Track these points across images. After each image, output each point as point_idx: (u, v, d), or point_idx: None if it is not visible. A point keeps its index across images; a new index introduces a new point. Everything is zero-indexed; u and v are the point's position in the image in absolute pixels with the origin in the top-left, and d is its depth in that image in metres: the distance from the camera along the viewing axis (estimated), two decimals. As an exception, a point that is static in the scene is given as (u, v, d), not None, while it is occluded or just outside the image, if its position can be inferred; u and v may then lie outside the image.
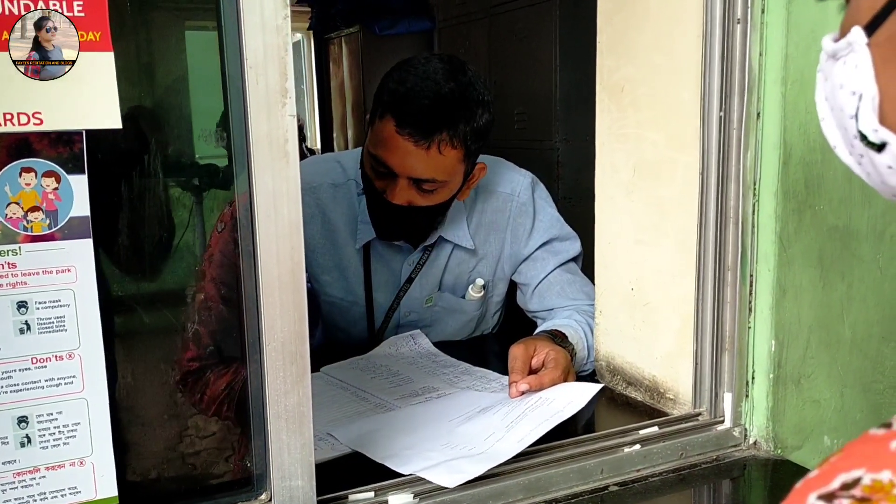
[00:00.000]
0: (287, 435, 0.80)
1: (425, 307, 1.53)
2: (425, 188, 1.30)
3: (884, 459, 0.32)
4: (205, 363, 0.86)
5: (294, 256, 0.78)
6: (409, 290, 1.51)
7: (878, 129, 0.45)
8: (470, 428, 1.06)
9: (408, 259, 1.49)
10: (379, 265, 1.50)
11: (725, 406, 1.07)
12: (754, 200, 1.02)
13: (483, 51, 3.44)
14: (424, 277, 1.51)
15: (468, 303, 1.54)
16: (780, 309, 1.02)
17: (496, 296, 1.57)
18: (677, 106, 1.09)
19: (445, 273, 1.52)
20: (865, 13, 0.44)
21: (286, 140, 0.76)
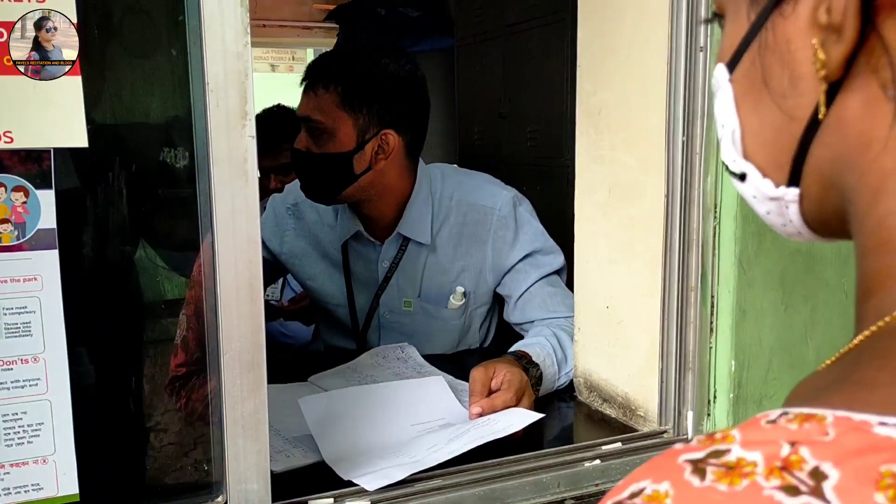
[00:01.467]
0: (243, 440, 0.84)
1: (405, 311, 1.60)
2: (311, 132, 1.46)
3: (668, 470, 0.34)
4: (192, 369, 0.91)
5: (251, 269, 0.82)
6: (387, 288, 1.59)
7: (735, 160, 0.47)
8: (426, 440, 1.09)
9: (381, 258, 1.58)
10: (358, 264, 1.61)
11: (688, 424, 1.09)
12: (715, 223, 1.04)
13: (498, 69, 3.48)
14: (402, 279, 1.59)
15: (448, 311, 1.58)
16: (740, 330, 1.04)
17: (480, 308, 1.60)
18: (647, 130, 1.12)
19: (424, 279, 1.58)
20: (727, 51, 0.47)
21: (245, 160, 0.80)
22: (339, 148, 1.46)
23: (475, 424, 1.10)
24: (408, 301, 1.59)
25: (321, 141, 1.46)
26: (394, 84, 1.47)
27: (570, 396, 1.35)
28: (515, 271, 1.53)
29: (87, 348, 0.78)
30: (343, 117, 1.45)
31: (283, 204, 1.69)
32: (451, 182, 1.59)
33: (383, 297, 1.60)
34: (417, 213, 1.55)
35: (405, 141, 1.50)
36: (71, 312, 0.77)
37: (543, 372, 1.30)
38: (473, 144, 3.77)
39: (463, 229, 1.56)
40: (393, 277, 1.59)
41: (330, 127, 1.45)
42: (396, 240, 1.57)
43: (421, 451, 1.04)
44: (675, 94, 1.04)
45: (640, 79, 1.13)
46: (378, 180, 1.50)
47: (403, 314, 1.61)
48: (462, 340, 1.63)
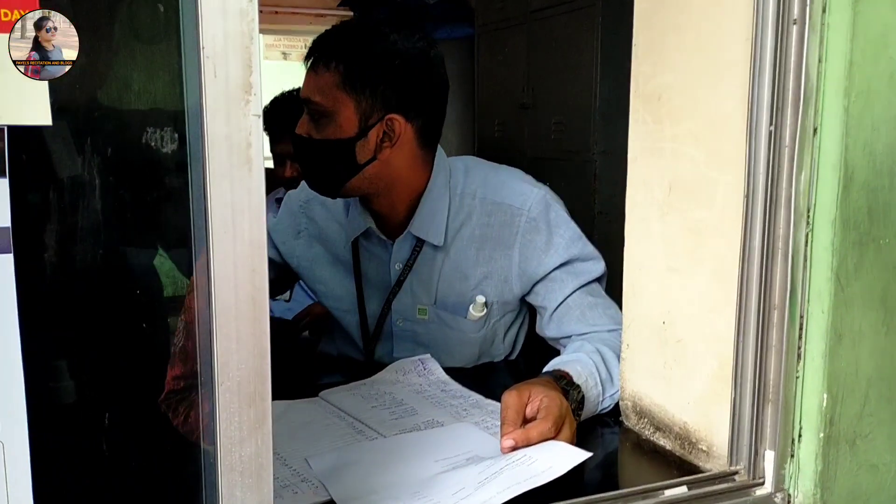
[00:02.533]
0: (242, 491, 0.68)
1: (418, 318, 1.44)
2: (313, 116, 1.31)
3: None
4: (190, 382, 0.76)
5: (256, 281, 0.66)
6: (400, 293, 1.44)
7: None
8: (449, 478, 0.93)
9: (393, 259, 1.43)
10: (369, 265, 1.47)
11: (766, 466, 0.93)
12: (807, 230, 0.88)
13: (522, 57, 3.32)
14: (416, 283, 1.43)
15: (466, 322, 1.42)
16: (834, 357, 0.87)
17: (504, 318, 1.44)
18: (720, 118, 0.95)
19: (440, 285, 1.42)
20: None
21: (249, 144, 0.64)
22: (341, 134, 1.30)
23: (508, 461, 0.94)
24: (422, 308, 1.43)
25: (322, 125, 1.31)
26: (403, 63, 1.31)
27: (615, 421, 1.19)
28: (550, 280, 1.37)
29: (47, 376, 0.63)
30: (344, 99, 1.29)
31: (296, 201, 1.54)
32: (474, 177, 1.42)
33: (395, 303, 1.44)
34: (431, 211, 1.39)
35: (416, 127, 1.34)
36: (29, 330, 0.61)
37: (585, 394, 1.13)
38: (493, 137, 3.61)
39: (487, 231, 1.39)
40: (406, 281, 1.43)
41: (330, 110, 1.29)
42: (409, 239, 1.42)
43: (445, 496, 0.88)
44: (759, 77, 0.88)
45: (713, 58, 0.96)
46: (385, 172, 1.34)
47: (417, 322, 1.45)
48: (484, 353, 1.47)
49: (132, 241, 0.65)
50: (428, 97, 1.34)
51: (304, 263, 1.52)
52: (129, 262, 0.64)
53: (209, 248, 0.65)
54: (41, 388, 0.63)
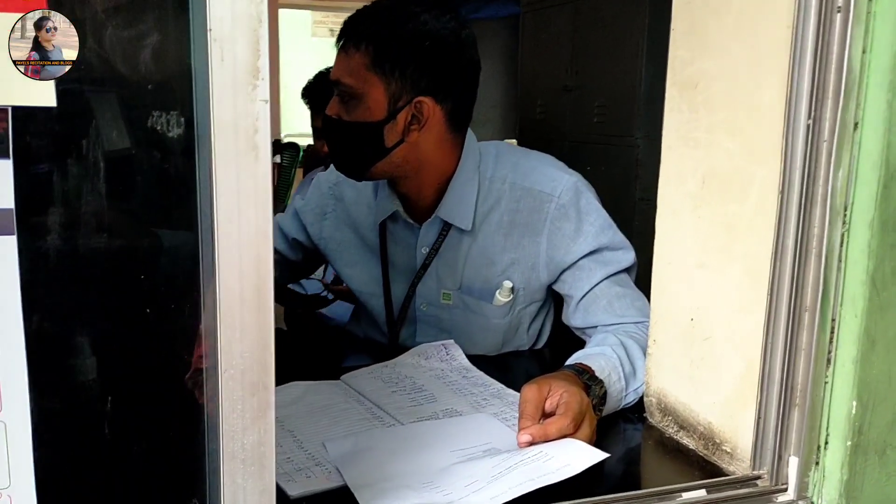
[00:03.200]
0: (244, 479, 0.68)
1: (443, 303, 1.43)
2: (342, 97, 1.30)
3: None
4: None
5: (261, 270, 0.65)
6: (425, 277, 1.43)
7: None
8: (464, 470, 0.92)
9: (420, 243, 1.42)
10: (395, 249, 1.45)
11: (790, 472, 0.89)
12: (844, 230, 0.84)
13: (567, 38, 3.25)
14: (441, 268, 1.41)
15: (491, 307, 1.40)
16: (866, 363, 0.84)
17: (531, 306, 1.42)
18: (758, 109, 0.91)
19: (466, 270, 1.40)
20: None
21: (256, 130, 0.63)
22: (369, 116, 1.28)
23: (524, 456, 0.92)
24: (447, 293, 1.41)
25: (351, 107, 1.29)
26: (433, 44, 1.28)
27: (639, 418, 1.16)
28: (577, 268, 1.34)
29: (49, 359, 0.63)
30: (374, 81, 1.27)
31: (326, 183, 1.53)
32: (504, 162, 1.39)
33: (420, 287, 1.43)
34: (459, 195, 1.36)
35: (446, 110, 1.31)
36: (31, 312, 0.61)
37: (608, 389, 1.11)
38: (535, 120, 3.56)
39: (516, 217, 1.37)
40: (431, 265, 1.41)
41: (360, 92, 1.27)
42: (436, 223, 1.40)
43: (457, 487, 0.87)
44: (800, 66, 0.84)
45: (752, 46, 0.92)
46: (413, 155, 1.32)
47: (442, 307, 1.43)
48: (508, 342, 1.45)
49: (137, 226, 0.64)
50: (458, 79, 1.31)
51: (332, 245, 1.51)
52: (132, 245, 0.64)
53: (214, 234, 0.64)
54: (44, 370, 0.63)
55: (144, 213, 0.64)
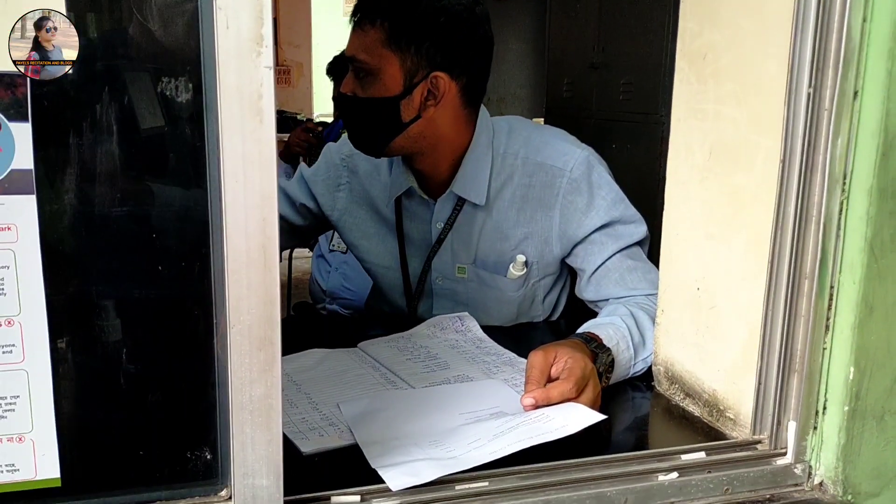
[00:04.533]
0: (251, 429, 0.71)
1: (458, 277, 1.45)
2: (358, 74, 1.32)
3: None
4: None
5: (266, 230, 0.68)
6: (440, 252, 1.45)
7: None
8: (469, 430, 0.95)
9: (435, 219, 1.44)
10: (411, 224, 1.48)
11: (789, 437, 0.91)
12: (842, 198, 0.84)
13: (593, 16, 3.24)
14: (456, 242, 1.44)
15: (506, 280, 1.42)
16: (864, 330, 0.85)
17: (545, 279, 1.44)
18: (763, 79, 0.92)
19: (481, 244, 1.42)
20: None
21: (260, 96, 0.66)
22: (385, 92, 1.30)
23: (527, 418, 0.95)
24: (461, 267, 1.44)
25: (366, 84, 1.31)
26: (448, 20, 1.29)
27: (647, 386, 1.18)
28: (590, 242, 1.36)
29: (69, 312, 0.67)
30: (389, 57, 1.28)
31: (337, 154, 1.55)
32: (517, 137, 1.41)
33: (435, 262, 1.46)
34: (473, 171, 1.38)
35: (460, 86, 1.33)
36: (52, 268, 0.65)
37: (616, 357, 1.13)
38: (562, 97, 3.56)
39: (528, 192, 1.38)
40: (446, 240, 1.43)
41: (375, 68, 1.29)
42: (451, 198, 1.42)
43: (461, 446, 0.90)
44: (802, 35, 0.84)
45: (758, 16, 0.93)
46: (429, 130, 1.33)
47: (457, 281, 1.46)
48: (523, 314, 1.47)
49: (149, 188, 0.67)
50: (473, 54, 1.33)
51: (347, 218, 1.54)
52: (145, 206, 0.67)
53: (222, 196, 0.67)
54: (63, 323, 0.67)
55: (156, 176, 0.68)
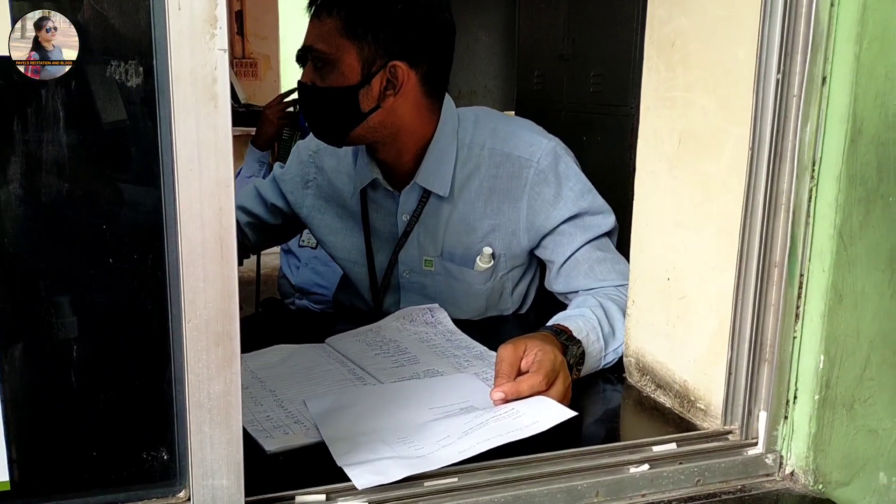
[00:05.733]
0: (210, 427, 0.69)
1: (425, 270, 1.44)
2: (316, 63, 1.30)
3: None
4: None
5: (223, 220, 0.66)
6: (406, 245, 1.43)
7: None
8: (438, 426, 0.93)
9: (400, 211, 1.42)
10: (377, 217, 1.46)
11: (759, 426, 0.90)
12: (812, 185, 0.84)
13: (563, 7, 3.23)
14: (422, 234, 1.42)
15: (473, 273, 1.41)
16: (833, 318, 0.84)
17: (512, 271, 1.42)
18: (732, 65, 0.91)
19: (447, 236, 1.40)
20: None
21: (215, 80, 0.63)
22: (343, 82, 1.27)
23: (496, 413, 0.94)
24: (429, 260, 1.42)
25: (325, 73, 1.28)
26: (405, 7, 1.27)
27: (619, 378, 1.17)
28: (558, 234, 1.34)
29: (14, 309, 0.64)
30: (346, 46, 1.26)
31: (306, 151, 1.52)
32: (483, 128, 1.39)
33: (402, 255, 1.44)
34: (437, 161, 1.36)
35: (420, 74, 1.30)
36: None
37: (586, 349, 1.12)
38: (532, 89, 3.54)
39: (495, 183, 1.36)
40: (413, 232, 1.42)
41: (332, 57, 1.27)
42: (415, 190, 1.40)
43: (430, 444, 0.88)
44: (770, 20, 0.83)
45: (727, 2, 0.92)
46: (389, 120, 1.31)
47: (424, 274, 1.44)
48: (492, 306, 1.45)
49: (98, 177, 0.64)
50: (432, 43, 1.31)
51: (314, 213, 1.51)
52: (94, 196, 0.64)
53: (175, 184, 0.64)
54: (10, 320, 0.64)
55: (106, 163, 0.65)
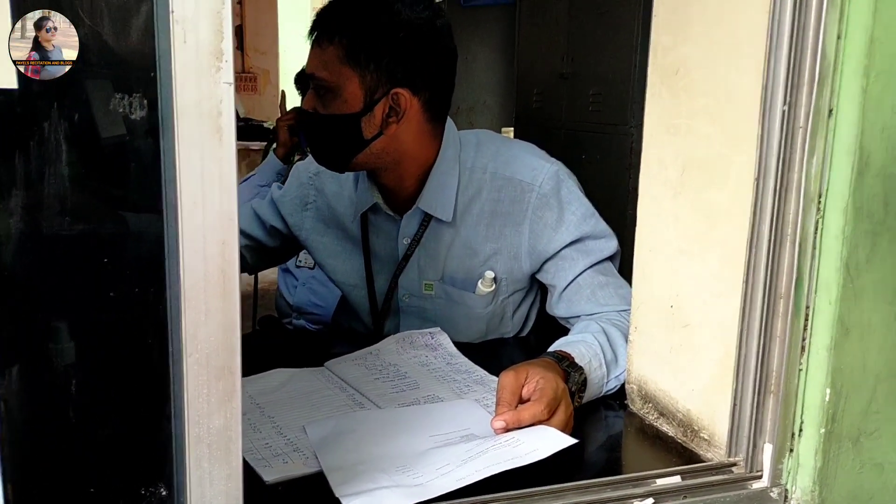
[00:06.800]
0: (209, 463, 0.68)
1: (425, 294, 1.43)
2: (318, 91, 1.29)
3: None
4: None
5: (226, 253, 0.65)
6: (407, 268, 1.42)
7: None
8: (439, 454, 0.92)
9: (401, 234, 1.41)
10: (377, 241, 1.45)
11: (765, 459, 0.89)
12: (818, 216, 0.83)
13: (563, 25, 3.23)
14: (423, 258, 1.41)
15: (474, 297, 1.40)
16: (840, 351, 0.83)
17: (514, 295, 1.42)
18: (737, 94, 0.91)
19: (448, 260, 1.39)
20: None
21: (220, 113, 0.63)
22: (346, 109, 1.27)
23: (496, 442, 0.93)
24: (429, 284, 1.41)
25: (327, 100, 1.28)
26: (407, 34, 1.26)
27: (621, 405, 1.16)
28: (560, 258, 1.33)
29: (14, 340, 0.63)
30: (349, 74, 1.25)
31: (305, 173, 1.51)
32: (485, 151, 1.38)
33: (402, 279, 1.43)
34: (439, 186, 1.35)
35: (423, 100, 1.30)
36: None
37: (588, 376, 1.11)
38: (531, 107, 3.54)
39: (497, 206, 1.36)
40: (413, 256, 1.41)
41: (335, 85, 1.26)
42: (417, 214, 1.39)
43: (429, 472, 0.87)
44: (776, 51, 0.83)
45: (733, 30, 0.91)
46: (392, 146, 1.30)
47: (424, 298, 1.43)
48: (492, 330, 1.44)
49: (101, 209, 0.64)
50: (434, 69, 1.30)
51: (313, 236, 1.51)
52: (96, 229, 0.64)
53: (179, 217, 0.63)
54: (8, 353, 0.63)
55: (108, 196, 0.64)
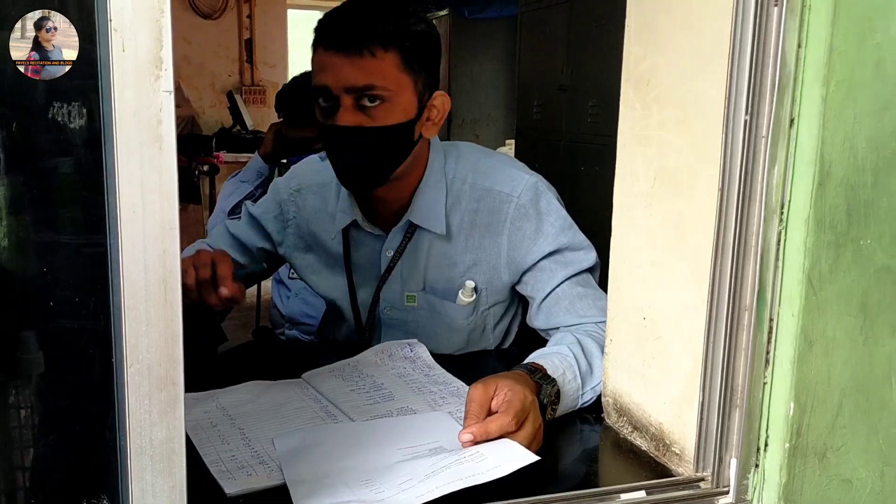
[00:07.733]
0: (152, 475, 0.67)
1: (407, 306, 1.41)
2: (369, 104, 1.22)
3: None
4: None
5: (167, 263, 0.65)
6: (389, 280, 1.41)
7: None
8: (404, 468, 0.91)
9: (385, 247, 1.40)
10: (360, 255, 1.43)
11: (730, 474, 0.88)
12: (780, 228, 0.82)
13: (562, 38, 3.24)
14: (405, 270, 1.40)
15: (454, 307, 1.39)
16: (804, 364, 0.82)
17: (495, 306, 1.41)
18: (704, 105, 0.90)
19: (428, 271, 1.38)
20: None
21: (159, 121, 0.63)
22: (403, 117, 1.24)
23: (461, 456, 0.91)
24: (411, 296, 1.40)
25: (378, 112, 1.23)
26: (435, 41, 1.31)
27: (597, 418, 1.15)
28: (538, 269, 1.32)
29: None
30: (406, 82, 1.24)
31: (286, 189, 1.50)
32: (465, 163, 1.38)
33: (384, 291, 1.41)
34: (431, 198, 1.34)
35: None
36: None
37: (562, 388, 1.09)
38: (532, 119, 3.54)
39: (476, 217, 1.35)
40: (396, 268, 1.39)
41: (393, 93, 1.23)
42: (404, 228, 1.37)
43: (391, 487, 0.86)
44: (739, 60, 0.82)
45: (698, 40, 0.91)
46: (417, 153, 1.31)
47: (406, 310, 1.42)
48: (473, 343, 1.43)
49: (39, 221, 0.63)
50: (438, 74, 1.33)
51: (295, 252, 1.49)
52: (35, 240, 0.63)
53: (118, 227, 0.63)
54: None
55: (47, 205, 0.64)
